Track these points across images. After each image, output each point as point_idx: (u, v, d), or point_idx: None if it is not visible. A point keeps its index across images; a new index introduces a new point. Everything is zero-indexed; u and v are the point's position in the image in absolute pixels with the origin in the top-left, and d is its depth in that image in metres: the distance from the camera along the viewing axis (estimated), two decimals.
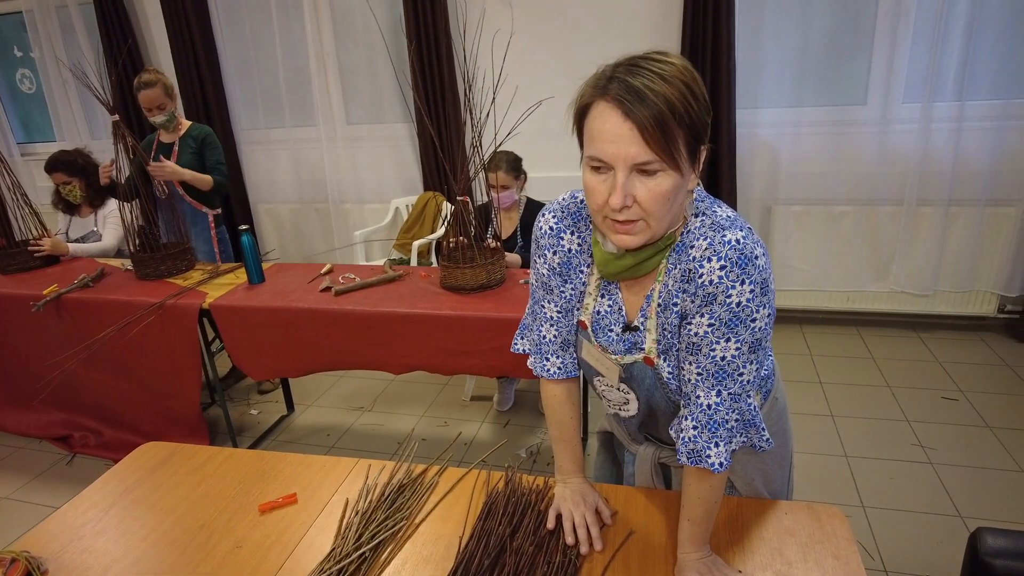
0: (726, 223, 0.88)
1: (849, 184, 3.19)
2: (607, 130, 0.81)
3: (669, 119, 0.78)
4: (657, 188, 0.82)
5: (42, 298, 2.48)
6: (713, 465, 0.93)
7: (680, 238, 0.93)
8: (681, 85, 0.79)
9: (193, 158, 2.90)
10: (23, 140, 4.79)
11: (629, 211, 0.85)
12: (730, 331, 0.88)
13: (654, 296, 0.96)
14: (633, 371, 1.01)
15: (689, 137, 0.81)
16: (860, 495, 2.20)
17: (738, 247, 0.85)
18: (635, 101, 0.78)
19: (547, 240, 1.05)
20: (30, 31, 4.23)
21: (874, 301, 3.33)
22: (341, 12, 3.76)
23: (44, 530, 1.24)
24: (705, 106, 0.82)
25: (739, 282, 0.85)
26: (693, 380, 0.93)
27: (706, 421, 0.93)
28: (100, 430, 2.74)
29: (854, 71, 3.13)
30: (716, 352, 0.89)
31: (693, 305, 0.90)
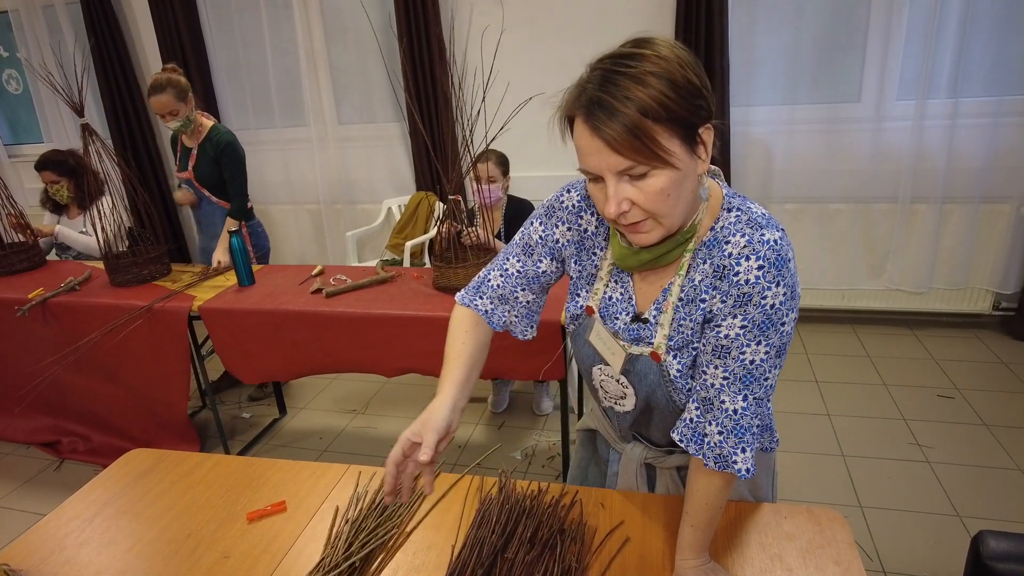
0: (763, 221, 0.87)
1: (843, 182, 3.18)
2: (583, 145, 0.82)
3: (643, 123, 0.76)
4: (650, 188, 0.80)
5: (27, 302, 2.44)
6: (740, 471, 0.91)
7: (711, 232, 0.91)
8: (658, 82, 0.76)
9: (211, 167, 2.78)
10: (10, 141, 4.74)
11: (630, 214, 0.83)
12: (762, 334, 0.86)
13: (673, 290, 0.94)
14: (636, 365, 0.98)
15: (676, 129, 0.78)
16: (858, 495, 2.18)
17: (776, 248, 0.84)
18: (603, 116, 0.77)
19: (564, 214, 1.03)
20: (16, 31, 4.18)
21: (869, 299, 3.32)
22: (331, 10, 3.73)
23: (25, 542, 1.21)
24: (693, 91, 0.79)
25: (775, 284, 0.84)
26: (718, 384, 0.90)
27: (732, 426, 0.91)
28: (89, 435, 2.70)
29: (848, 68, 3.12)
30: (746, 356, 0.87)
31: (725, 305, 0.88)
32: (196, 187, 2.85)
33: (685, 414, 0.96)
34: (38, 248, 2.91)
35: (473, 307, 1.11)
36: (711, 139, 0.83)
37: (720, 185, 0.94)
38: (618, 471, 1.19)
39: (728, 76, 3.10)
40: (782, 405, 2.74)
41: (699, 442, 0.94)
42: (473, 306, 1.11)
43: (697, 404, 0.94)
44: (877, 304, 3.32)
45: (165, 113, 2.62)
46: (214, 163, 2.78)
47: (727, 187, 0.94)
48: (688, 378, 0.96)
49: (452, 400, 0.98)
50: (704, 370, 0.92)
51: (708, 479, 0.95)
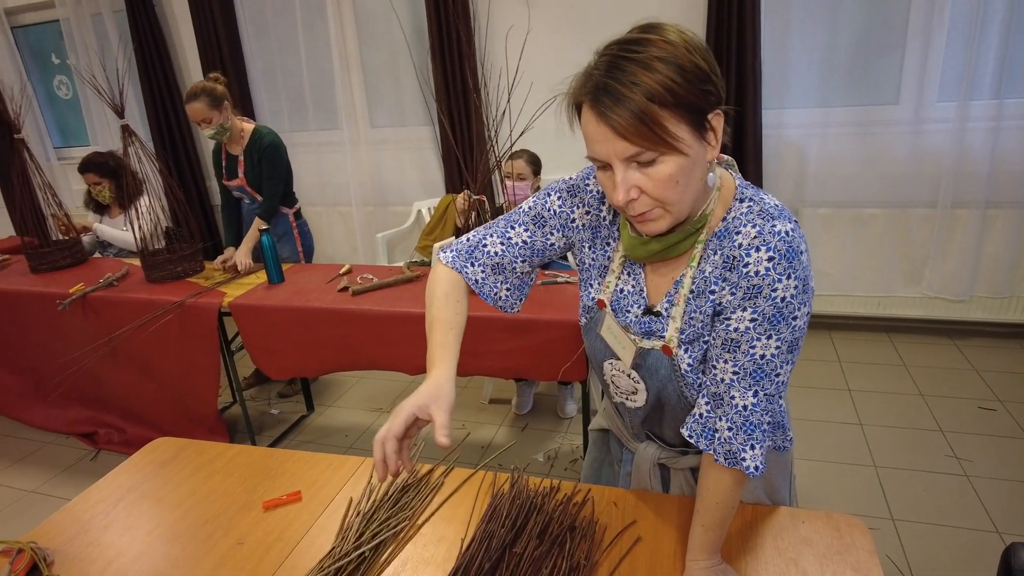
0: (775, 212, 0.85)
1: (879, 186, 3.09)
2: (590, 132, 0.81)
3: (650, 108, 0.75)
4: (657, 175, 0.79)
5: (68, 297, 2.53)
6: (748, 468, 0.89)
7: (723, 223, 0.89)
8: (664, 67, 0.76)
9: (258, 171, 2.82)
10: (60, 145, 4.93)
11: (639, 203, 0.82)
12: (772, 328, 0.84)
13: (685, 282, 0.92)
14: (648, 359, 0.97)
15: (684, 115, 0.77)
16: (889, 507, 2.11)
17: (787, 239, 0.82)
18: (610, 103, 0.76)
19: (588, 198, 1.02)
20: (66, 39, 4.35)
21: (907, 307, 3.22)
22: (364, 14, 3.79)
23: (53, 523, 1.25)
24: (701, 76, 0.78)
25: (786, 276, 0.82)
26: (728, 379, 0.88)
27: (741, 423, 0.89)
28: (123, 427, 2.78)
29: (885, 70, 3.04)
30: (756, 350, 0.85)
31: (734, 298, 0.86)
32: (250, 192, 2.89)
33: (695, 409, 0.94)
34: (80, 245, 3.02)
35: (463, 274, 1.06)
36: (720, 125, 0.82)
37: (733, 176, 0.93)
38: (631, 471, 1.17)
39: (760, 79, 3.05)
40: (812, 413, 2.67)
41: (709, 438, 0.92)
42: (463, 273, 1.05)
43: (707, 399, 0.93)
44: (915, 312, 3.22)
45: (199, 120, 2.67)
46: (259, 165, 2.82)
47: (740, 178, 0.93)
48: (699, 373, 0.94)
49: (452, 372, 0.96)
50: (714, 364, 0.90)
51: (718, 476, 0.93)
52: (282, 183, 2.87)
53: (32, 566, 1.10)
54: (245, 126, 2.85)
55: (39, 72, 4.80)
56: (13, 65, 4.58)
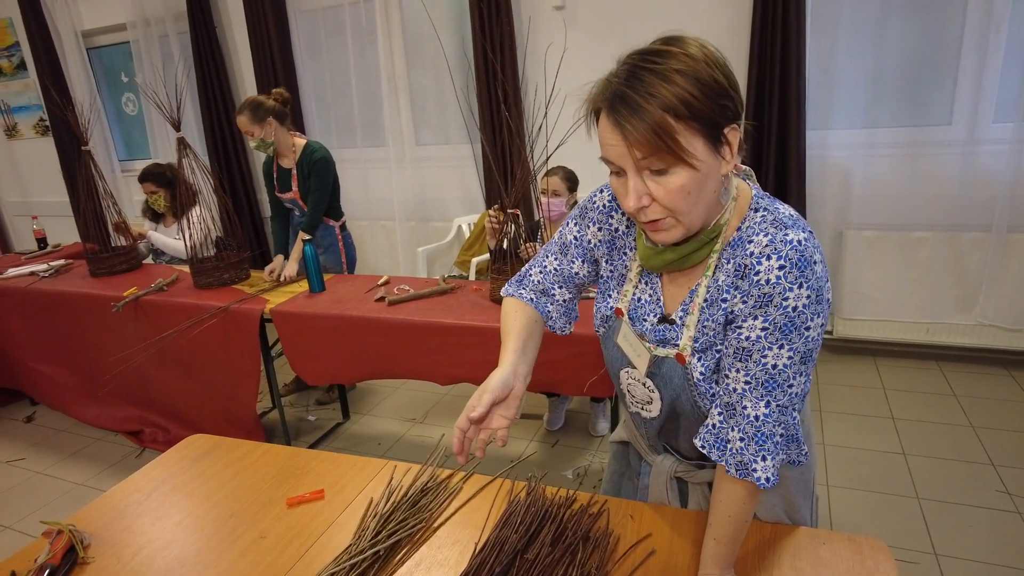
0: (788, 221, 0.85)
1: (930, 208, 3.00)
2: (605, 138, 0.82)
3: (665, 121, 0.76)
4: (670, 185, 0.80)
5: (122, 299, 2.65)
6: (759, 480, 0.88)
7: (737, 232, 0.89)
8: (682, 80, 0.77)
9: (308, 185, 2.91)
10: (124, 158, 5.20)
11: (650, 211, 0.83)
12: (784, 337, 0.83)
13: (699, 291, 0.93)
14: (662, 368, 0.97)
15: (700, 128, 0.78)
16: (932, 541, 2.02)
17: (799, 248, 0.82)
18: (626, 111, 0.78)
19: (595, 214, 1.05)
20: (135, 59, 4.61)
21: (958, 334, 3.09)
22: (413, 37, 3.90)
23: (92, 509, 1.31)
24: (719, 91, 0.79)
25: (797, 285, 0.81)
26: (740, 389, 0.88)
27: (753, 433, 0.88)
28: (168, 427, 2.89)
29: (937, 90, 2.96)
30: (767, 359, 0.85)
31: (746, 306, 0.86)
32: (301, 206, 2.98)
33: (708, 420, 0.94)
34: (136, 252, 3.18)
35: (518, 296, 1.15)
36: (737, 140, 0.82)
37: (751, 186, 0.93)
38: (649, 484, 1.16)
39: (805, 99, 3.01)
40: (851, 440, 2.58)
41: (721, 448, 0.91)
42: (518, 295, 1.15)
43: (720, 410, 0.92)
44: (967, 340, 3.08)
45: (244, 132, 2.79)
46: (309, 178, 2.91)
47: (757, 188, 0.93)
48: (712, 382, 0.93)
49: (511, 365, 0.99)
50: (726, 374, 0.90)
51: (731, 489, 0.92)
52: (327, 197, 2.94)
53: (69, 547, 1.16)
54: (297, 141, 2.94)
55: (109, 90, 5.09)
56: (86, 83, 4.87)
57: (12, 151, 5.52)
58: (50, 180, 5.35)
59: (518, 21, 3.51)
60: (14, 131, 5.41)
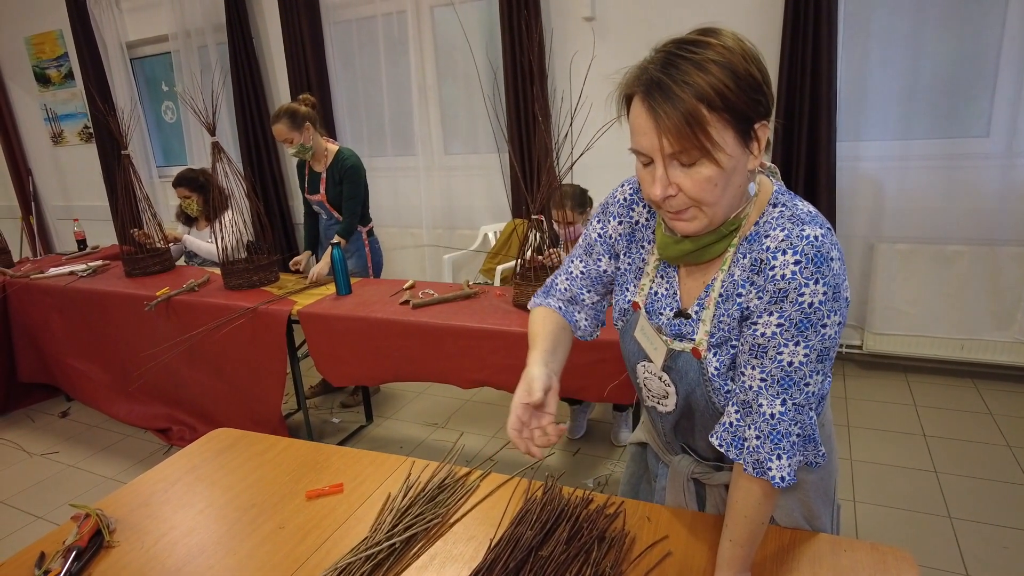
0: (806, 217, 0.84)
1: (965, 222, 2.93)
2: (638, 124, 0.82)
3: (698, 110, 0.76)
4: (698, 176, 0.80)
5: (155, 299, 2.72)
6: (774, 479, 0.87)
7: (754, 227, 0.89)
8: (719, 70, 0.77)
9: (339, 190, 2.98)
10: (162, 164, 5.35)
11: (675, 200, 0.83)
12: (800, 334, 0.82)
13: (715, 285, 0.92)
14: (678, 362, 0.97)
15: (732, 121, 0.78)
16: (964, 562, 1.95)
17: (816, 244, 0.81)
18: (661, 98, 0.77)
19: (616, 208, 1.05)
20: (175, 69, 4.75)
21: (995, 351, 3.00)
22: (444, 48, 3.96)
23: (118, 495, 1.35)
24: (753, 85, 0.79)
25: (813, 281, 0.80)
26: (756, 387, 0.87)
27: (768, 431, 0.87)
28: (195, 425, 2.94)
29: (974, 102, 2.90)
30: (783, 356, 0.84)
31: (761, 302, 0.85)
32: (328, 208, 3.05)
33: (724, 418, 0.93)
34: (169, 254, 3.26)
35: (545, 305, 1.15)
36: (766, 136, 0.82)
37: (772, 182, 0.92)
38: (666, 485, 1.15)
39: (836, 110, 2.97)
40: (880, 456, 2.52)
41: (739, 447, 0.90)
42: (545, 304, 1.16)
43: (736, 407, 0.91)
44: (1004, 358, 2.99)
45: (282, 140, 2.84)
46: (340, 185, 2.96)
47: (779, 184, 0.92)
48: (726, 378, 0.93)
49: (543, 363, 0.99)
50: (743, 371, 0.89)
51: (748, 488, 0.90)
52: (360, 204, 3.00)
53: (96, 531, 1.19)
54: (330, 147, 3.01)
55: (150, 99, 5.26)
56: (129, 92, 5.03)
57: (57, 157, 5.72)
58: (92, 185, 5.53)
59: (548, 32, 3.54)
60: (60, 138, 5.61)
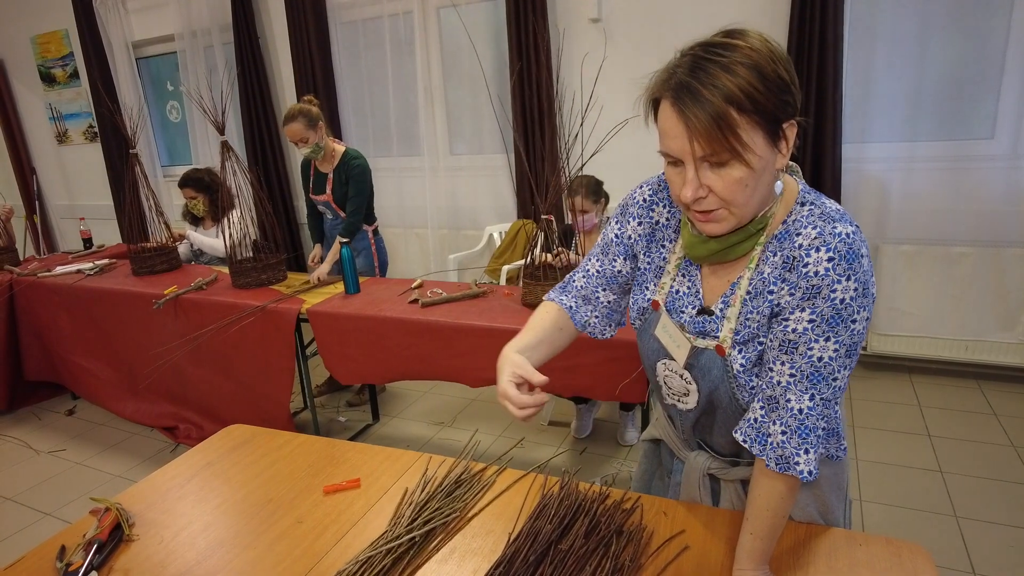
0: (836, 215, 0.86)
1: (970, 223, 2.94)
2: (667, 128, 0.82)
3: (728, 113, 0.77)
4: (729, 177, 0.81)
5: (163, 297, 2.73)
6: (802, 473, 0.88)
7: (783, 225, 0.90)
8: (746, 72, 0.77)
9: (345, 190, 3.01)
10: (166, 163, 5.37)
11: (706, 201, 0.84)
12: (831, 330, 0.84)
13: (742, 283, 0.93)
14: (701, 359, 0.97)
15: (761, 122, 0.79)
16: (971, 560, 1.96)
17: (848, 241, 0.82)
18: (691, 102, 0.78)
19: (636, 209, 1.06)
20: (181, 69, 4.77)
21: (999, 353, 3.01)
22: (450, 49, 3.97)
23: (136, 490, 1.35)
24: (781, 86, 0.80)
25: (845, 277, 0.82)
26: (784, 382, 0.88)
27: (796, 426, 0.88)
28: (202, 424, 2.95)
29: (979, 104, 2.91)
30: (814, 352, 0.85)
31: (793, 298, 0.86)
32: (334, 208, 3.08)
33: (749, 414, 0.94)
34: (176, 252, 3.27)
35: (559, 302, 1.16)
36: (794, 135, 0.84)
37: (797, 181, 0.93)
38: (681, 481, 1.16)
39: (841, 111, 2.99)
40: (885, 456, 2.53)
41: (763, 442, 0.91)
42: (559, 301, 1.16)
43: (762, 403, 0.92)
44: (1009, 359, 3.00)
45: (297, 140, 2.86)
46: (347, 185, 3.00)
47: (803, 183, 0.93)
48: (752, 375, 0.93)
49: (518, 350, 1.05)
50: (771, 367, 0.90)
51: (770, 483, 0.92)
52: (365, 203, 3.03)
53: (116, 525, 1.20)
54: (336, 147, 3.03)
55: (155, 98, 5.28)
56: (135, 91, 5.05)
57: (61, 156, 5.73)
58: (96, 184, 5.54)
59: (554, 33, 3.56)
60: (64, 137, 5.62)
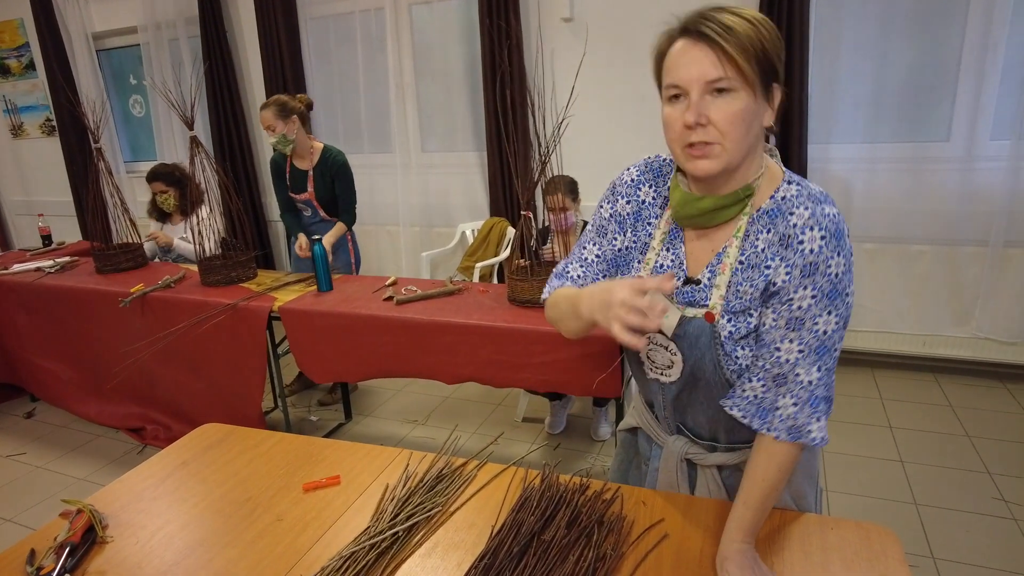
0: (821, 197, 0.93)
1: (928, 223, 3.05)
2: (681, 59, 0.89)
3: (737, 41, 0.86)
4: (729, 108, 0.87)
5: (129, 295, 2.67)
6: (815, 439, 0.95)
7: (771, 201, 0.96)
8: (750, 21, 0.87)
9: (327, 187, 3.05)
10: (129, 159, 5.23)
11: (704, 131, 0.89)
12: (831, 303, 0.92)
13: (730, 252, 0.98)
14: (689, 329, 1.01)
15: (761, 61, 0.87)
16: (930, 545, 2.04)
17: (835, 220, 0.91)
18: (707, 29, 0.87)
19: (624, 188, 1.11)
20: (144, 62, 4.65)
21: (954, 347, 3.13)
22: (422, 46, 3.96)
23: (109, 491, 1.33)
24: (775, 43, 0.89)
25: (836, 253, 0.90)
26: (793, 359, 0.94)
27: (807, 397, 0.95)
28: (170, 425, 2.90)
29: (936, 107, 3.02)
30: (819, 326, 0.92)
31: (791, 278, 0.92)
32: (315, 206, 3.09)
33: (747, 392, 0.98)
34: (142, 250, 3.19)
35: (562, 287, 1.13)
36: (779, 100, 0.93)
37: (778, 165, 1.00)
38: (659, 467, 1.19)
39: (807, 113, 3.07)
40: (849, 447, 2.61)
41: (764, 417, 0.97)
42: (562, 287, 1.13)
43: (764, 381, 0.97)
44: (963, 353, 3.13)
45: (266, 127, 2.89)
46: (330, 182, 3.05)
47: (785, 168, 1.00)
48: (737, 344, 0.98)
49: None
50: (778, 347, 0.95)
51: (770, 453, 0.98)
52: (355, 195, 3.13)
53: (89, 527, 1.17)
54: (315, 144, 3.05)
55: (117, 92, 5.14)
56: (95, 84, 4.91)
57: (17, 150, 5.54)
58: (55, 179, 5.37)
59: (527, 32, 3.57)
60: (20, 130, 5.44)
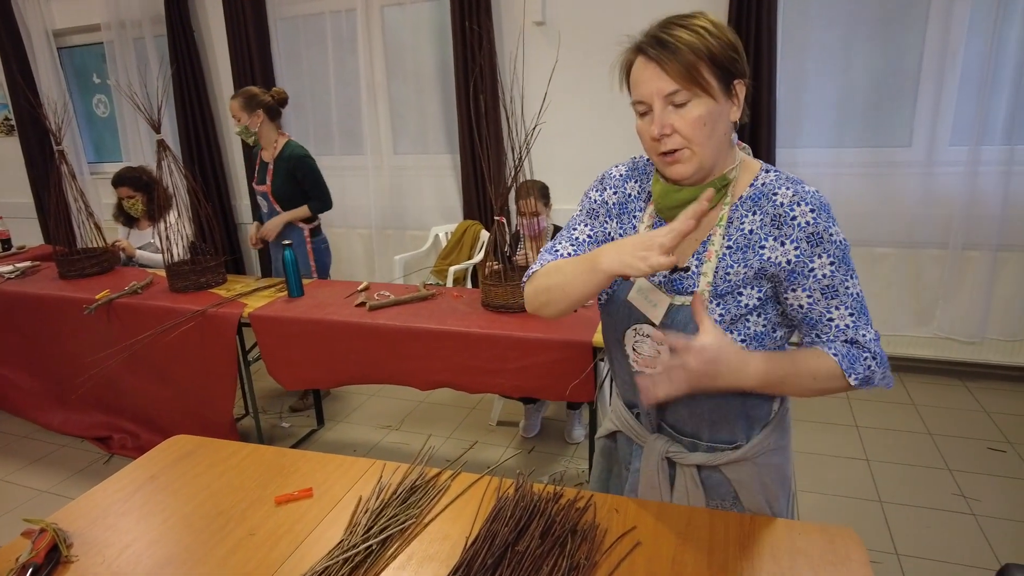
0: (799, 180, 1.00)
1: (890, 226, 3.13)
2: (640, 77, 0.96)
3: (687, 53, 0.92)
4: (689, 115, 0.94)
5: (94, 302, 2.61)
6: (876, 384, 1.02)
7: (751, 188, 1.01)
8: (701, 30, 0.93)
9: (286, 180, 3.02)
10: (93, 160, 5.10)
11: (671, 140, 0.95)
12: (848, 268, 0.98)
13: (715, 240, 1.02)
14: (677, 316, 1.03)
15: (716, 72, 0.93)
16: (894, 542, 2.10)
17: (819, 196, 0.97)
18: (656, 47, 0.93)
19: (613, 181, 1.15)
20: (109, 61, 4.54)
21: (916, 346, 3.22)
22: (393, 47, 3.94)
23: (74, 508, 1.30)
24: (728, 44, 0.94)
25: (832, 223, 0.96)
26: (850, 323, 0.98)
27: (877, 351, 0.99)
28: (138, 433, 2.84)
29: (898, 113, 3.10)
30: (850, 288, 0.98)
31: (800, 252, 0.96)
32: (271, 201, 3.07)
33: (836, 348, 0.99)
34: (108, 255, 3.12)
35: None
36: (743, 94, 0.98)
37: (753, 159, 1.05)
38: (640, 467, 1.21)
39: (775, 118, 3.13)
40: (818, 447, 2.67)
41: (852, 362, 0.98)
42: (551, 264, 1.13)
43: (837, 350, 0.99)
44: (925, 352, 3.22)
45: (232, 116, 2.93)
46: (289, 176, 3.01)
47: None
48: (729, 329, 1.01)
49: None
50: (830, 317, 0.99)
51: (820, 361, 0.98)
52: (323, 186, 3.09)
53: (52, 546, 1.14)
54: (280, 138, 3.04)
55: (80, 91, 5.01)
56: (56, 83, 4.78)
57: None
58: (14, 181, 5.22)
59: (499, 35, 3.58)
60: None
